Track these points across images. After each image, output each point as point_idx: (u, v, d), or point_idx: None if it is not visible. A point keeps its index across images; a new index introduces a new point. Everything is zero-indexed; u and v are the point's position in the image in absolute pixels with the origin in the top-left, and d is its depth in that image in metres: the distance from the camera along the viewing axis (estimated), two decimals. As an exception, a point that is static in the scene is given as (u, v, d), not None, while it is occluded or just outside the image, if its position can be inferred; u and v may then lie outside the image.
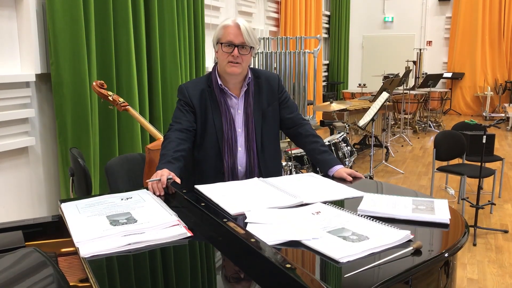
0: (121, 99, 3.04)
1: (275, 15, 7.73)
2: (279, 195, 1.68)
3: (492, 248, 3.51)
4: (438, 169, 4.23)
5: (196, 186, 1.80)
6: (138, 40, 3.80)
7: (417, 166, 5.96)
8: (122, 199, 1.65)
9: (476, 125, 4.30)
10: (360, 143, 6.75)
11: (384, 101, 4.99)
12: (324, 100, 9.15)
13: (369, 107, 5.22)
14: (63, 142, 3.20)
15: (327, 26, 10.50)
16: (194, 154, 2.11)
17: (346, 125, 4.72)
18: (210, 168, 2.08)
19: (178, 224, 1.41)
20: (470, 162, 4.36)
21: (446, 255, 1.26)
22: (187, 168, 2.04)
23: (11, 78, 2.98)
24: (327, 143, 4.11)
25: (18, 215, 3.11)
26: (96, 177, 3.45)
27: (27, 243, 1.41)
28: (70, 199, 1.67)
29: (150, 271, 1.16)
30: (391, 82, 6.25)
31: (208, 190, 1.74)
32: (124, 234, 1.32)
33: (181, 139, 1.97)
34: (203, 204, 1.61)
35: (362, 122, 4.93)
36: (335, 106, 4.76)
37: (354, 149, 4.58)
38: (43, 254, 1.14)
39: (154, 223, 1.40)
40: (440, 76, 9.09)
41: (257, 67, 5.23)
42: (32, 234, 1.51)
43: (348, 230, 1.34)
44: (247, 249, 1.26)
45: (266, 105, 2.11)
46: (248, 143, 2.09)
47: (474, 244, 3.56)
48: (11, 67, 3.09)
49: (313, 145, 2.14)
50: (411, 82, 8.97)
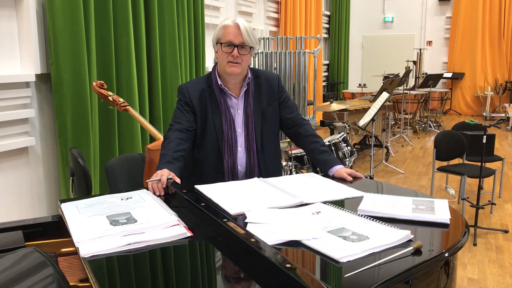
0: (121, 99, 3.04)
1: (275, 15, 7.73)
2: (279, 195, 1.68)
3: (493, 248, 3.51)
4: (438, 169, 4.23)
5: (196, 186, 1.80)
6: (138, 40, 3.80)
7: (417, 166, 5.96)
8: (122, 199, 1.65)
9: (476, 125, 4.30)
10: (360, 143, 6.75)
11: (384, 101, 4.99)
12: (324, 100, 9.15)
13: (369, 107, 5.22)
14: (63, 142, 3.21)
15: (327, 26, 10.50)
16: (194, 154, 2.11)
17: (346, 125, 4.72)
18: (210, 168, 2.08)
19: (178, 224, 1.41)
20: (470, 162, 4.36)
21: (446, 255, 1.26)
22: (187, 168, 2.04)
23: (11, 78, 2.98)
24: (327, 143, 4.11)
25: (18, 215, 3.11)
26: (96, 177, 3.45)
27: (27, 243, 1.41)
28: (70, 199, 1.67)
29: (150, 271, 1.16)
30: (391, 82, 6.25)
31: (208, 190, 1.74)
32: (124, 234, 1.33)
33: (181, 139, 1.97)
34: (203, 204, 1.61)
35: (362, 122, 4.93)
36: (335, 106, 4.77)
37: (354, 149, 4.58)
38: (43, 254, 1.14)
39: (154, 223, 1.40)
40: (440, 76, 9.09)
41: (257, 67, 5.23)
42: (32, 234, 1.51)
43: (348, 230, 1.34)
44: (247, 249, 1.26)
45: (266, 105, 2.11)
46: (248, 143, 2.09)
47: (475, 244, 3.56)
48: (11, 67, 3.09)
49: (313, 145, 2.14)
50: (411, 82, 8.96)
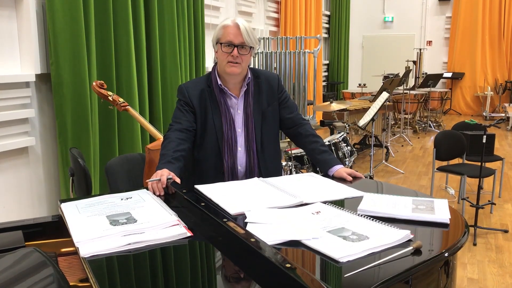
0: (121, 99, 3.04)
1: (275, 15, 7.73)
2: (279, 195, 1.68)
3: (492, 248, 3.51)
4: (438, 169, 4.23)
5: (196, 186, 1.80)
6: (138, 40, 3.80)
7: (417, 166, 5.96)
8: (122, 199, 1.65)
9: (476, 125, 4.30)
10: (360, 143, 6.75)
11: (384, 101, 4.99)
12: (324, 100, 9.15)
13: (369, 107, 5.22)
14: (63, 142, 3.21)
15: (327, 26, 10.50)
16: (194, 154, 2.11)
17: (346, 125, 4.72)
18: (210, 168, 2.08)
19: (178, 224, 1.41)
20: (470, 162, 4.36)
21: (446, 254, 1.26)
22: (187, 168, 2.04)
23: (11, 78, 2.98)
24: (327, 143, 4.11)
25: (18, 215, 3.11)
26: (96, 177, 3.45)
27: (27, 243, 1.41)
28: (70, 199, 1.67)
29: (150, 271, 1.16)
30: (391, 82, 6.25)
31: (208, 190, 1.74)
32: (124, 234, 1.33)
33: (181, 139, 1.97)
34: (203, 204, 1.61)
35: (362, 122, 4.93)
36: (335, 106, 4.77)
37: (354, 149, 4.58)
38: (43, 254, 1.14)
39: (154, 223, 1.40)
40: (440, 76, 9.09)
41: (257, 67, 5.23)
42: (32, 234, 1.51)
43: (348, 230, 1.34)
44: (247, 249, 1.26)
45: (266, 105, 2.11)
46: (248, 143, 2.09)
47: (474, 244, 3.56)
48: (11, 67, 3.09)
49: (313, 145, 2.14)
50: (411, 82, 8.96)
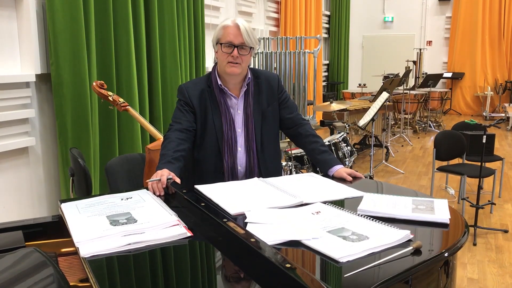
0: (121, 99, 3.04)
1: (275, 15, 7.73)
2: (279, 195, 1.68)
3: (492, 247, 3.51)
4: (438, 169, 4.23)
5: (196, 186, 1.80)
6: (138, 40, 3.80)
7: (417, 166, 5.96)
8: (122, 199, 1.65)
9: (476, 125, 4.30)
10: (360, 143, 6.75)
11: (384, 101, 4.99)
12: (324, 100, 9.15)
13: (369, 107, 5.22)
14: (63, 142, 3.21)
15: (327, 26, 10.50)
16: (194, 154, 2.11)
17: (346, 125, 4.72)
18: (210, 168, 2.08)
19: (178, 224, 1.41)
20: (470, 162, 4.36)
21: (446, 254, 1.26)
22: (187, 168, 2.05)
23: (11, 78, 2.98)
24: (327, 143, 4.11)
25: (18, 215, 3.11)
26: (96, 177, 3.45)
27: (27, 243, 1.41)
28: (70, 199, 1.67)
29: (150, 271, 1.16)
30: (391, 82, 6.25)
31: (208, 190, 1.74)
32: (124, 234, 1.33)
33: (181, 139, 1.97)
34: (203, 204, 1.61)
35: (362, 122, 4.93)
36: (335, 106, 4.77)
37: (354, 149, 4.58)
38: (43, 254, 1.14)
39: (154, 223, 1.40)
40: (440, 76, 9.09)
41: (257, 67, 5.23)
42: (32, 234, 1.51)
43: (348, 230, 1.34)
44: (247, 249, 1.26)
45: (266, 105, 2.11)
46: (248, 143, 2.09)
47: (474, 244, 3.56)
48: (11, 67, 3.09)
49: (313, 145, 2.14)
50: (411, 82, 8.97)
